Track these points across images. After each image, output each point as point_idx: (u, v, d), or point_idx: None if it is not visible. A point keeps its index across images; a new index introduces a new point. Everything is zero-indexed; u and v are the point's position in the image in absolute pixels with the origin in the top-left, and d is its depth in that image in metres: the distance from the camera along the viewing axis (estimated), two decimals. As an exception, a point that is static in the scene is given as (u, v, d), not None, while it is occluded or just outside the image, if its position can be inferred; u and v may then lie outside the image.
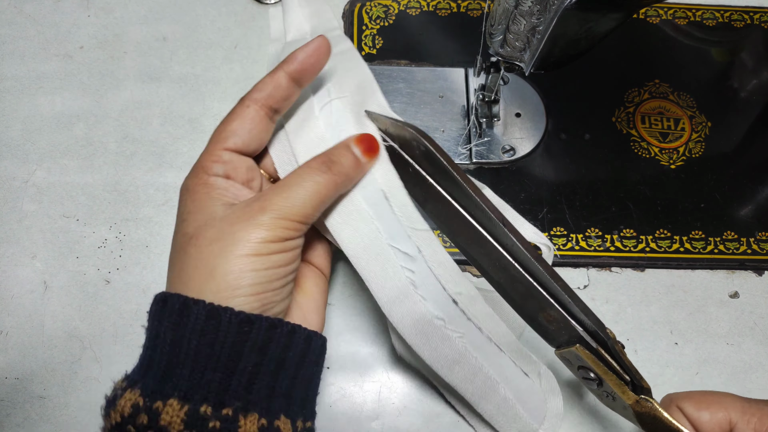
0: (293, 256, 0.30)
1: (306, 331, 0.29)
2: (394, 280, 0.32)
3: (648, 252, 0.43)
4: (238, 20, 0.51)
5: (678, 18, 0.52)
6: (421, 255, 0.33)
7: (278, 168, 0.34)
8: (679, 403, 0.30)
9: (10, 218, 0.43)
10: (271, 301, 0.29)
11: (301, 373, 0.29)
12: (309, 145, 0.34)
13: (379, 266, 0.32)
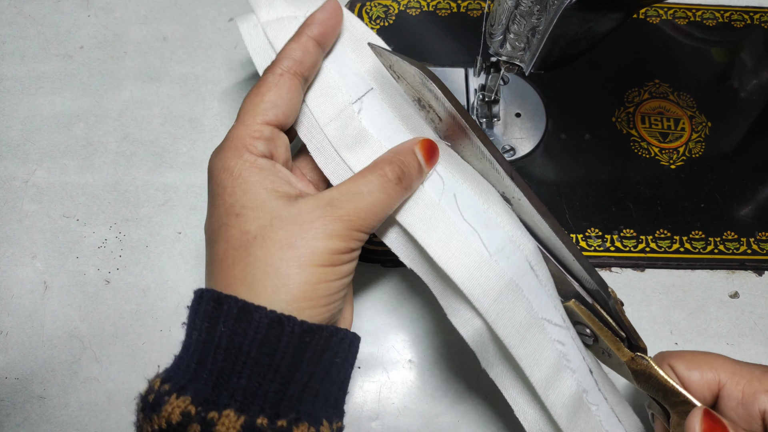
0: (355, 265, 0.29)
1: (351, 336, 0.28)
2: (550, 356, 0.30)
3: (648, 252, 0.43)
4: (238, 20, 0.51)
5: (678, 18, 0.52)
6: (566, 324, 0.31)
7: (307, 142, 0.32)
8: (670, 361, 0.30)
9: (10, 218, 0.43)
10: (336, 310, 0.28)
11: (341, 376, 0.28)
12: (331, 115, 0.33)
13: (535, 343, 0.30)
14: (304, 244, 0.27)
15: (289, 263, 0.26)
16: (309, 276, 0.26)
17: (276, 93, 0.30)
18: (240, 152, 0.29)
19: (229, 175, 0.28)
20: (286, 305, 0.26)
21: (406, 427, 0.38)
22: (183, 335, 0.27)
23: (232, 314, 0.26)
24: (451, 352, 0.40)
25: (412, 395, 0.39)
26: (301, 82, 0.30)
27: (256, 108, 0.29)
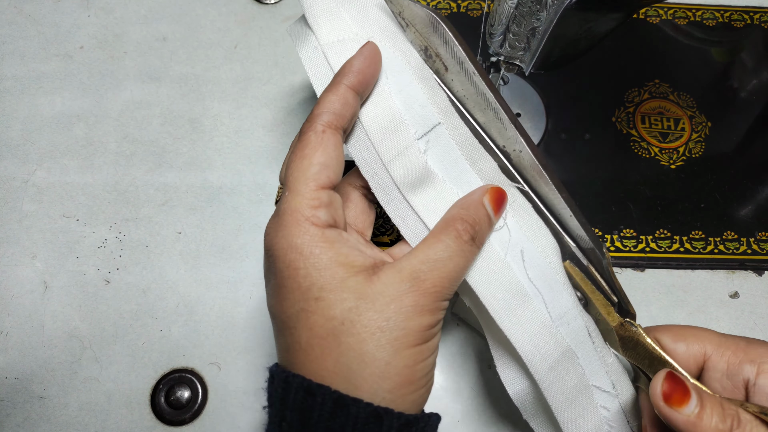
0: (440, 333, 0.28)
1: (436, 418, 0.27)
2: (592, 420, 0.30)
3: (648, 252, 0.43)
4: (238, 20, 0.51)
5: (678, 18, 0.52)
6: (615, 390, 0.30)
7: (369, 179, 0.30)
8: (656, 334, 0.29)
9: (10, 218, 0.43)
10: (431, 386, 0.27)
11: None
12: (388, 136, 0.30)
13: (581, 408, 0.29)
14: (397, 326, 0.25)
15: (384, 349, 0.25)
16: (407, 359, 0.25)
17: (323, 152, 0.27)
18: (304, 227, 0.26)
19: (299, 255, 0.26)
20: (388, 394, 0.24)
21: (406, 427, 0.38)
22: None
23: (327, 408, 0.24)
24: (451, 352, 0.40)
25: (412, 395, 0.39)
26: (342, 137, 0.29)
27: (307, 173, 0.27)
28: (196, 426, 0.38)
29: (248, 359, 0.39)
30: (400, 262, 0.26)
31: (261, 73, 0.49)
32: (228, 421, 0.38)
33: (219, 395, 0.38)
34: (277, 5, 0.52)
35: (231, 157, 0.46)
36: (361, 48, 0.29)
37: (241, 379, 0.39)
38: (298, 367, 0.26)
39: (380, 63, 0.30)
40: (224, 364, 0.39)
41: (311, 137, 0.27)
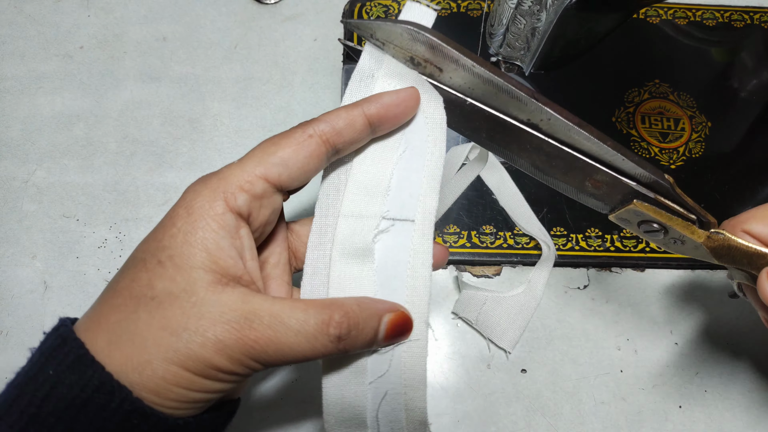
0: (238, 387, 0.27)
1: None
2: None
3: (648, 252, 0.43)
4: (238, 20, 0.51)
5: (678, 18, 0.52)
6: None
7: (318, 211, 0.29)
8: (743, 226, 0.29)
9: (10, 218, 0.43)
10: (195, 412, 0.25)
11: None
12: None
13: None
14: (187, 342, 0.23)
15: (159, 349, 0.23)
16: (169, 374, 0.23)
17: (294, 152, 0.26)
18: (215, 196, 0.25)
19: (186, 213, 0.25)
20: (129, 383, 0.22)
21: (406, 427, 0.38)
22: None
23: (66, 361, 0.22)
24: (451, 351, 0.40)
25: (412, 395, 0.39)
26: (329, 152, 0.27)
27: (265, 158, 0.26)
28: (196, 426, 0.38)
29: (248, 359, 0.39)
30: (254, 297, 0.24)
31: (261, 73, 0.49)
32: (228, 421, 0.38)
33: (219, 395, 0.38)
34: (277, 5, 0.52)
35: (231, 157, 0.46)
36: (401, 89, 0.28)
37: (241, 379, 0.39)
38: (93, 308, 0.24)
39: (411, 111, 0.29)
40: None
41: (295, 134, 0.26)
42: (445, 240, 0.43)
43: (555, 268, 0.43)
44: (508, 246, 0.43)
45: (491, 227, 0.43)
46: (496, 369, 0.40)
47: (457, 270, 0.43)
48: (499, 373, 0.40)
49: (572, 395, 0.39)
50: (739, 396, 0.40)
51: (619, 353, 0.41)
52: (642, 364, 0.40)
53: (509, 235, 0.43)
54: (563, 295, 0.42)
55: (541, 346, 0.41)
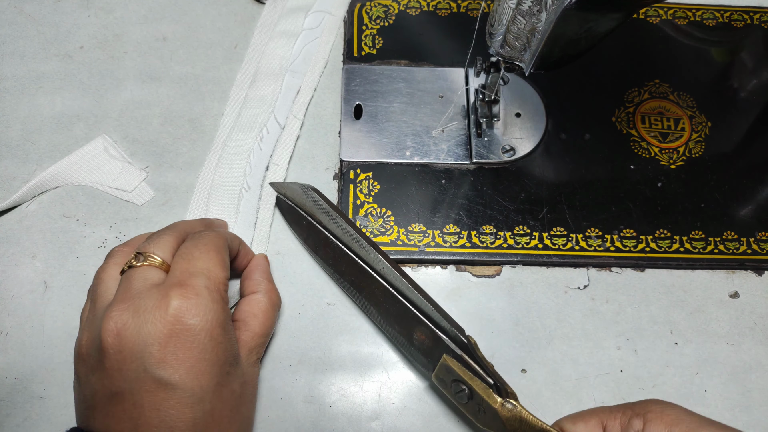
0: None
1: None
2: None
3: (648, 252, 0.43)
4: (238, 20, 0.51)
5: (678, 18, 0.52)
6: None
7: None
8: (558, 424, 0.32)
9: (10, 218, 0.43)
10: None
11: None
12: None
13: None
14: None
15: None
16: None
17: (226, 256, 0.35)
18: (224, 305, 0.33)
19: (224, 331, 0.31)
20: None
21: (406, 427, 0.38)
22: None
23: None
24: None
25: (412, 395, 0.39)
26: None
27: (222, 265, 0.34)
28: (196, 426, 0.38)
29: (248, 359, 0.39)
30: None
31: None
32: (228, 421, 0.38)
33: (219, 395, 0.38)
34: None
35: (231, 157, 0.46)
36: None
37: (241, 379, 0.39)
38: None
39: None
40: (224, 364, 0.39)
41: (223, 244, 0.35)
42: (444, 240, 0.43)
43: (555, 268, 0.43)
44: (508, 246, 0.43)
45: (491, 227, 0.43)
46: (496, 369, 0.40)
47: (458, 270, 0.43)
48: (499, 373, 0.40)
49: (572, 395, 0.39)
50: (739, 396, 0.40)
51: (619, 353, 0.41)
52: (642, 364, 0.40)
53: (509, 235, 0.43)
54: (563, 295, 0.42)
55: (541, 346, 0.41)
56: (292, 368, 0.39)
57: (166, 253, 0.34)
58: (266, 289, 0.38)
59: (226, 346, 0.31)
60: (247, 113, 0.46)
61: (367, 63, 0.49)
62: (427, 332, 0.34)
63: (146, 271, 0.33)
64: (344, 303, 0.41)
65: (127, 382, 0.29)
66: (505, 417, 0.30)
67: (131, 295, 0.31)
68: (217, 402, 0.30)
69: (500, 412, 0.30)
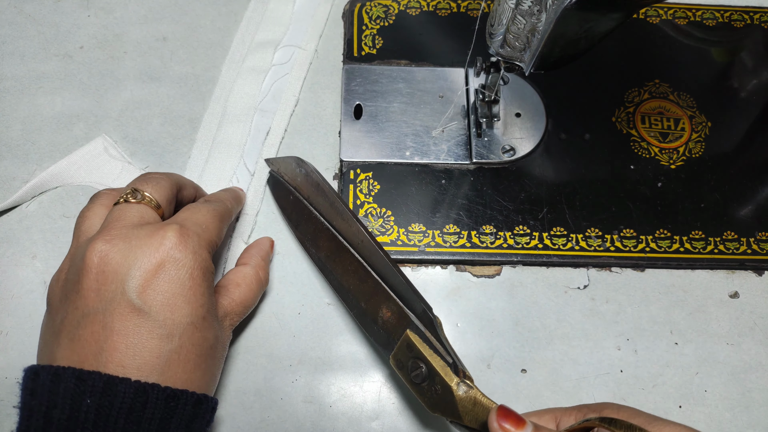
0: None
1: (214, 402, 0.31)
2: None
3: (648, 252, 0.43)
4: (238, 20, 0.51)
5: (678, 18, 0.52)
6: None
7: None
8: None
9: (10, 218, 0.43)
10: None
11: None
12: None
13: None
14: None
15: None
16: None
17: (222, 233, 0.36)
18: (209, 259, 0.33)
19: (204, 278, 0.32)
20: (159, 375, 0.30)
21: (406, 427, 0.38)
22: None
23: (97, 389, 0.27)
24: (451, 352, 0.40)
25: (412, 395, 0.39)
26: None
27: (219, 233, 0.35)
28: (196, 426, 0.38)
29: (248, 359, 0.39)
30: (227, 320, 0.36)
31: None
32: (228, 421, 0.38)
33: (219, 395, 0.38)
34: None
35: (231, 157, 0.46)
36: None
37: (241, 379, 0.39)
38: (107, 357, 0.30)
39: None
40: (224, 364, 0.39)
41: (228, 216, 0.37)
42: (444, 240, 0.43)
43: (555, 268, 0.43)
44: (508, 246, 0.43)
45: (491, 227, 0.43)
46: (496, 369, 0.40)
47: (458, 270, 0.43)
48: (499, 373, 0.40)
49: (572, 395, 0.39)
50: (739, 396, 0.40)
51: (619, 353, 0.41)
52: (642, 364, 0.40)
53: (509, 235, 0.43)
54: (563, 295, 0.42)
55: (541, 346, 0.41)
56: (292, 368, 0.39)
57: (163, 198, 0.35)
58: (256, 264, 0.39)
59: (204, 291, 0.31)
60: (215, 159, 0.45)
61: (367, 63, 0.49)
62: (394, 308, 0.34)
63: (142, 208, 0.33)
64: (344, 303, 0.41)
65: (102, 303, 0.29)
66: (459, 397, 0.30)
67: (123, 224, 0.32)
68: (186, 341, 0.30)
69: (455, 392, 0.30)
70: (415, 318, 0.33)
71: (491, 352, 0.40)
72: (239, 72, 0.48)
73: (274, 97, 0.47)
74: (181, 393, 0.29)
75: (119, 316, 0.29)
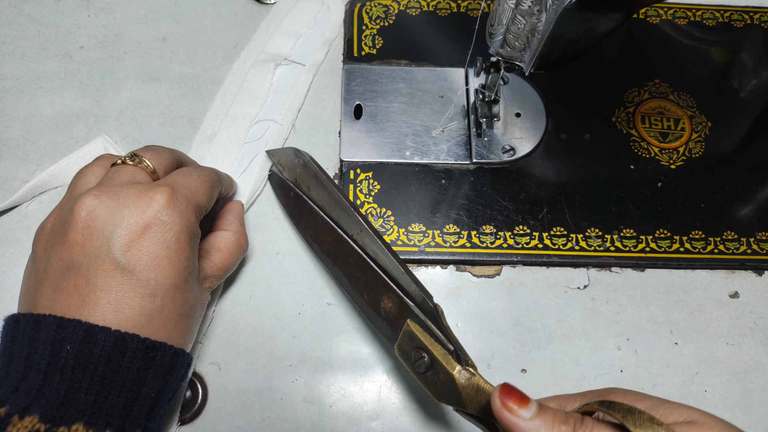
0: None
1: (189, 358, 0.33)
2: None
3: (648, 252, 0.43)
4: (238, 20, 0.51)
5: (678, 18, 0.52)
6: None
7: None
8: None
9: (10, 218, 0.43)
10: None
11: (178, 394, 0.31)
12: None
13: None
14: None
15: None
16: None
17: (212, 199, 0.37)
18: (196, 223, 0.34)
19: (190, 241, 0.33)
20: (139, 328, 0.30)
21: (406, 427, 0.38)
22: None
23: (77, 337, 0.28)
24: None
25: (412, 395, 0.39)
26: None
27: (210, 199, 0.36)
28: (196, 426, 0.38)
29: (248, 359, 0.39)
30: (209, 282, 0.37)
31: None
32: (228, 421, 0.38)
33: (219, 395, 0.38)
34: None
35: (231, 157, 0.46)
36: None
37: (241, 379, 0.39)
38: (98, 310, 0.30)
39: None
40: (224, 364, 0.39)
41: (219, 183, 0.38)
42: (444, 240, 0.43)
43: (555, 268, 0.43)
44: (508, 246, 0.43)
45: (491, 227, 0.43)
46: (497, 369, 0.40)
47: (458, 270, 0.43)
48: (500, 373, 0.40)
49: (572, 395, 0.39)
50: (739, 396, 0.40)
51: (619, 353, 0.41)
52: (642, 364, 0.40)
53: (509, 235, 0.43)
54: (563, 295, 0.42)
55: (541, 346, 0.41)
56: (292, 368, 0.39)
57: (160, 166, 0.35)
58: (236, 230, 0.39)
59: (189, 254, 0.32)
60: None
61: (367, 63, 0.49)
62: (394, 299, 0.34)
63: (137, 171, 0.34)
64: (344, 303, 0.41)
65: (86, 257, 0.30)
66: (462, 385, 0.30)
67: (115, 183, 0.32)
68: (168, 301, 0.31)
69: (457, 379, 0.30)
70: (416, 307, 0.33)
71: (491, 352, 0.40)
72: (209, 149, 0.45)
73: (245, 180, 0.44)
74: (159, 345, 0.30)
75: (103, 272, 0.29)
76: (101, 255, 0.30)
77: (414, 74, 0.48)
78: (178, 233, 0.31)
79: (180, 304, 0.32)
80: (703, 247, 0.43)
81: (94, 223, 0.30)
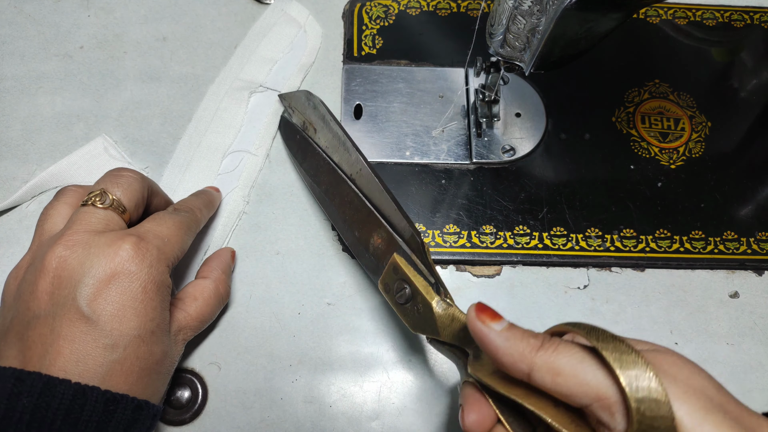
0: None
1: (156, 410, 0.32)
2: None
3: (648, 252, 0.43)
4: (238, 20, 0.51)
5: (678, 18, 0.52)
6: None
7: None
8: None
9: (10, 218, 0.43)
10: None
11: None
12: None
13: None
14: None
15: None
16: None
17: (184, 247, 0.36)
18: (166, 273, 0.33)
19: (158, 291, 0.32)
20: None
21: (406, 427, 0.38)
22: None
23: (36, 389, 0.27)
24: (451, 352, 0.40)
25: (412, 395, 0.39)
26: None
27: (183, 246, 0.35)
28: (196, 426, 0.38)
29: (248, 359, 0.39)
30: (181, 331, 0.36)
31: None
32: (228, 421, 0.38)
33: (219, 395, 0.38)
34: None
35: (231, 157, 0.46)
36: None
37: (241, 379, 0.39)
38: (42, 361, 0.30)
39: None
40: (224, 364, 0.39)
41: (194, 229, 0.37)
42: (444, 240, 0.43)
43: (555, 268, 0.43)
44: (508, 246, 0.43)
45: (491, 227, 0.43)
46: (496, 369, 0.40)
47: (458, 270, 0.43)
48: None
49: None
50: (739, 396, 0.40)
51: (619, 353, 0.41)
52: (642, 364, 0.40)
53: (509, 235, 0.43)
54: (563, 295, 0.42)
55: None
56: (292, 368, 0.39)
57: (131, 202, 0.35)
58: (216, 277, 0.38)
59: (156, 305, 0.31)
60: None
61: (367, 63, 0.49)
62: (384, 235, 0.35)
63: (109, 214, 0.33)
64: (345, 303, 0.41)
65: (53, 306, 0.30)
66: (438, 314, 0.31)
67: (86, 230, 0.32)
68: (131, 353, 0.30)
69: (435, 309, 0.31)
70: (403, 243, 0.34)
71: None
72: (181, 180, 0.44)
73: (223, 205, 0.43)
74: (120, 397, 0.29)
75: (68, 321, 0.29)
76: (67, 304, 0.29)
77: (414, 74, 0.48)
78: (145, 283, 0.31)
79: (144, 357, 0.31)
80: (703, 247, 0.43)
81: (64, 273, 0.30)
